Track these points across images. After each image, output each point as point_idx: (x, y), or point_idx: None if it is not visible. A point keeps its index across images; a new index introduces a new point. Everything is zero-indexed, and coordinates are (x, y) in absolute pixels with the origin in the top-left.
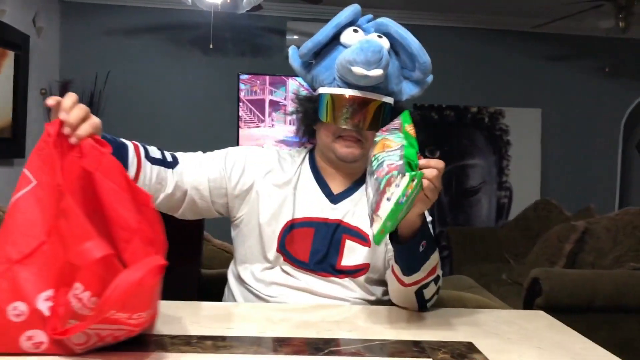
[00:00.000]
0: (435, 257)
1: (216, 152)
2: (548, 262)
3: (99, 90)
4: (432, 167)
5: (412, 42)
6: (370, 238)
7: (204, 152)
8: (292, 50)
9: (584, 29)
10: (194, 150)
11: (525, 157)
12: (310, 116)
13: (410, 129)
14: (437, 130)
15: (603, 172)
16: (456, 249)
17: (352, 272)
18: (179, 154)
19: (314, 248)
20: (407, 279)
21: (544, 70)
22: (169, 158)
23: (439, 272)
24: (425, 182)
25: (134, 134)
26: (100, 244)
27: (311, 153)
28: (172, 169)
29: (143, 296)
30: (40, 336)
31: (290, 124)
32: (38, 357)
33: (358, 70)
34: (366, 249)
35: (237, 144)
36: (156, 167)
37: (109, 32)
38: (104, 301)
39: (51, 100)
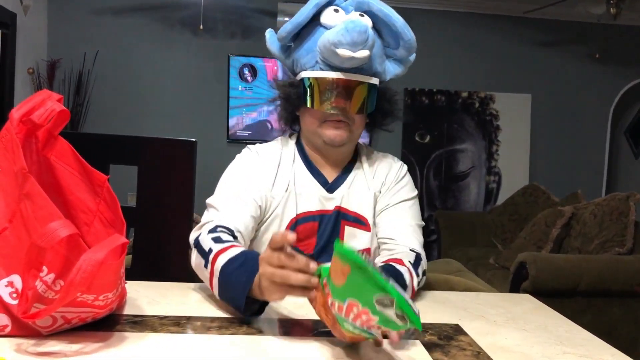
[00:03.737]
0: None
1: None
2: (535, 246)
3: (88, 70)
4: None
5: (396, 19)
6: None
7: (192, 135)
8: (269, 34)
9: (575, 14)
10: (184, 132)
11: (514, 142)
12: (293, 102)
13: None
14: (427, 115)
15: (591, 158)
16: (444, 233)
17: None
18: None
19: (319, 240)
20: None
21: (534, 55)
22: (225, 237)
23: (419, 272)
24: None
25: (122, 114)
26: (65, 223)
27: (298, 142)
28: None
29: (108, 276)
30: (3, 319)
31: None
32: (2, 338)
33: (344, 52)
34: (366, 233)
35: (227, 127)
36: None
37: (98, 11)
38: (69, 284)
39: None
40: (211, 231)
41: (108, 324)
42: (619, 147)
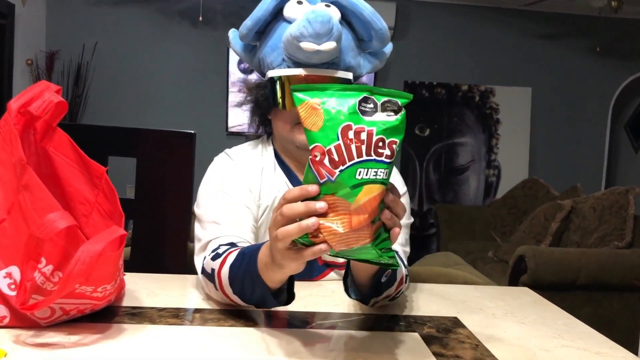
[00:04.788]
0: (400, 272)
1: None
2: (534, 240)
3: (86, 61)
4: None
5: (364, 7)
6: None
7: (191, 128)
8: (232, 34)
9: (576, 7)
10: (183, 124)
11: (514, 136)
12: (262, 105)
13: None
14: (427, 108)
15: (591, 151)
16: (444, 226)
17: (337, 265)
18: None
19: None
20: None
21: (535, 49)
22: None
23: (405, 272)
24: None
25: (121, 106)
26: (64, 215)
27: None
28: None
29: (106, 268)
30: (1, 311)
31: None
32: (1, 329)
33: (307, 45)
34: None
35: (227, 120)
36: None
37: (96, 2)
38: (68, 275)
39: None
40: (213, 251)
41: (106, 315)
42: (619, 141)
